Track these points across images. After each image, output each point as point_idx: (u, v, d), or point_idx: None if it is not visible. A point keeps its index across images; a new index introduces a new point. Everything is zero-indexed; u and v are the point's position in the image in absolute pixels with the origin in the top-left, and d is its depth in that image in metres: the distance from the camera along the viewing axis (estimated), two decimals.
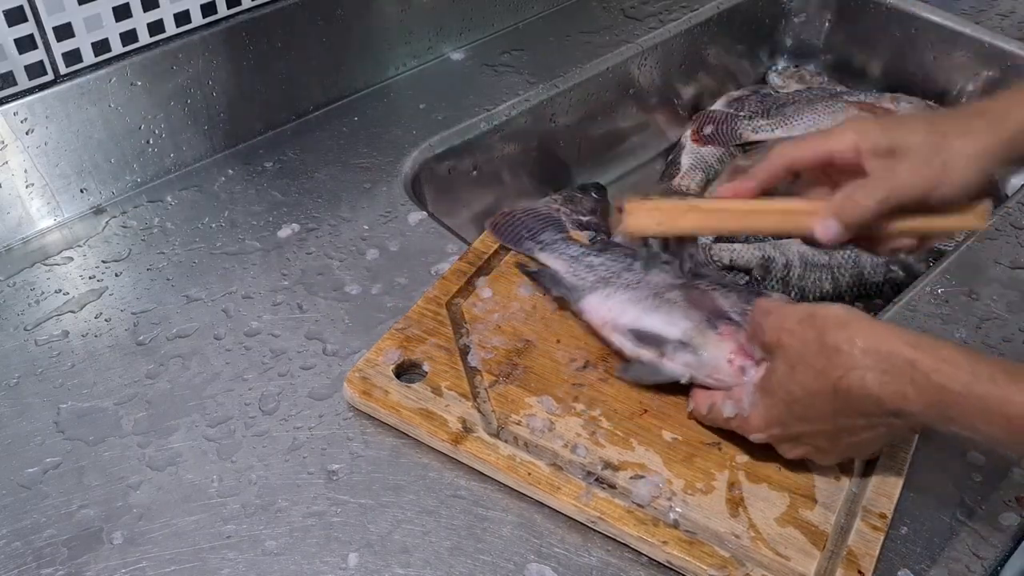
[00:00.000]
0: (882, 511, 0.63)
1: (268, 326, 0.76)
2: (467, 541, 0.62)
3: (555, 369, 0.71)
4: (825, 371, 0.58)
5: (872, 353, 0.56)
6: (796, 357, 0.60)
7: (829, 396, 0.58)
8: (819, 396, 0.59)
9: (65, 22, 0.78)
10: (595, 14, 1.16)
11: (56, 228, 0.84)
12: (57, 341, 0.74)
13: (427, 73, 1.05)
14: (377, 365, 0.70)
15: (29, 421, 0.68)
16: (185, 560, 0.60)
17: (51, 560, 0.60)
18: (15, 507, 0.63)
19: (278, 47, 0.91)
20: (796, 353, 0.60)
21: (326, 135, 0.96)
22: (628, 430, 0.67)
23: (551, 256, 0.78)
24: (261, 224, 0.85)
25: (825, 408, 0.59)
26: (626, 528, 0.61)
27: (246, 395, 0.70)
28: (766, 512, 0.63)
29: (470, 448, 0.65)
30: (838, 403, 0.58)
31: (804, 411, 0.60)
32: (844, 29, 1.26)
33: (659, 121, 1.18)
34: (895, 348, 0.56)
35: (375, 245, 0.83)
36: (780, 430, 0.63)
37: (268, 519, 0.63)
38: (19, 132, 0.79)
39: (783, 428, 0.62)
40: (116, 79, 0.82)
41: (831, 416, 0.60)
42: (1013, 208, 0.89)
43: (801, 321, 0.60)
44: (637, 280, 0.72)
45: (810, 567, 0.60)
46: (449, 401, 0.68)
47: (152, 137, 0.87)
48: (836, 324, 0.59)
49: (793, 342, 0.60)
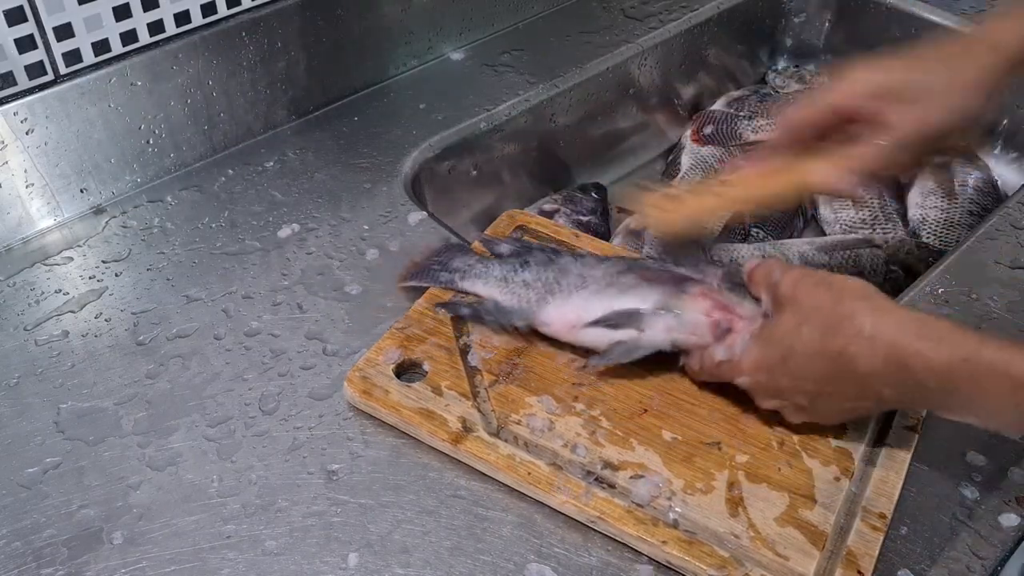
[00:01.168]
0: (882, 511, 0.63)
1: (268, 326, 0.76)
2: (467, 541, 0.62)
3: (555, 369, 0.71)
4: (833, 333, 0.59)
5: (881, 325, 0.58)
6: (807, 314, 0.61)
7: (827, 359, 0.60)
8: (817, 357, 0.60)
9: (65, 22, 0.78)
10: (595, 14, 1.16)
11: (56, 228, 0.84)
12: (57, 341, 0.74)
13: (427, 73, 1.05)
14: (377, 364, 0.70)
15: (29, 421, 0.68)
16: (185, 560, 0.60)
17: (51, 560, 0.60)
18: (15, 507, 0.63)
19: (278, 47, 0.92)
20: (808, 310, 0.61)
21: (326, 135, 0.96)
22: (628, 430, 0.67)
23: (478, 282, 0.74)
24: (261, 224, 0.85)
25: (819, 370, 0.61)
26: (625, 528, 0.61)
27: (246, 395, 0.70)
28: (765, 512, 0.63)
29: (470, 448, 0.65)
30: (836, 369, 0.60)
31: (797, 367, 0.62)
32: (844, 29, 1.26)
33: (659, 121, 1.18)
34: (903, 321, 0.58)
35: (375, 245, 0.83)
36: (766, 378, 0.64)
37: (268, 519, 0.63)
38: (19, 132, 0.79)
39: (769, 377, 0.63)
40: (116, 79, 0.82)
41: (821, 379, 0.61)
42: (1013, 208, 0.89)
43: (819, 283, 0.62)
44: (582, 278, 0.71)
45: (809, 567, 0.60)
46: (449, 401, 0.68)
47: (152, 137, 0.87)
48: (853, 295, 0.60)
49: (808, 300, 0.62)
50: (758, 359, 0.64)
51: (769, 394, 0.65)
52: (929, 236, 1.01)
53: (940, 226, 1.01)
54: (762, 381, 0.64)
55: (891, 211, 1.03)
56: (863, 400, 0.62)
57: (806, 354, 0.61)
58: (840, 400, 0.62)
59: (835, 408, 0.64)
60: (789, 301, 0.63)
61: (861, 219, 1.03)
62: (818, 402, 0.63)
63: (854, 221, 1.03)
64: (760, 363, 0.64)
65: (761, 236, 1.01)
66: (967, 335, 0.56)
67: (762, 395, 0.66)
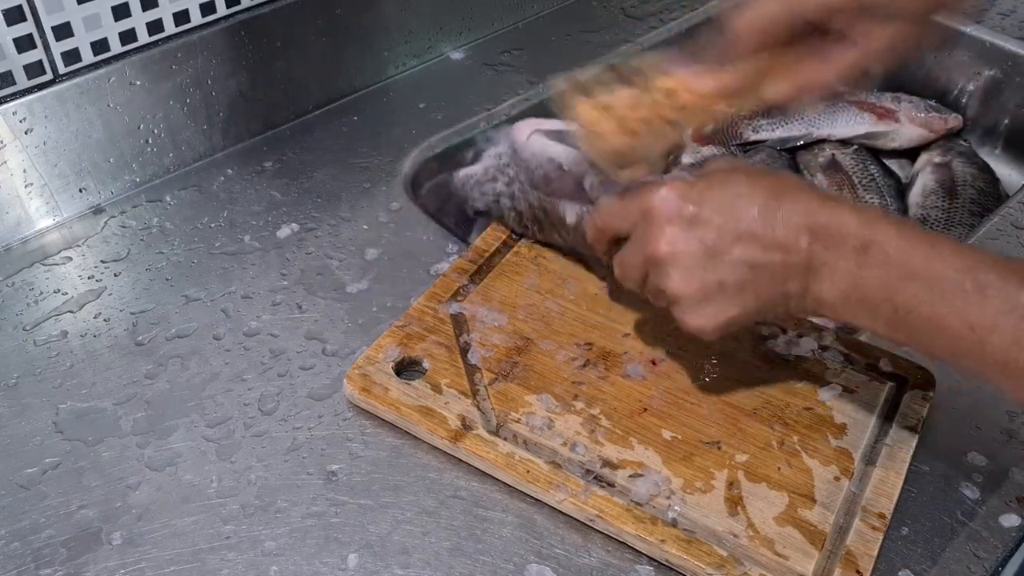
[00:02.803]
0: (881, 511, 0.62)
1: (267, 326, 0.75)
2: (467, 542, 0.62)
3: (555, 367, 0.71)
4: (762, 180, 0.57)
5: (811, 186, 0.55)
6: (735, 174, 0.58)
7: (755, 201, 0.56)
8: (745, 198, 0.56)
9: (64, 21, 0.78)
10: (595, 13, 1.15)
11: (55, 228, 0.84)
12: (56, 341, 0.74)
13: (427, 72, 1.05)
14: (377, 362, 0.70)
15: (28, 421, 0.68)
16: (184, 561, 0.60)
17: (50, 560, 0.60)
18: (14, 507, 0.63)
19: (277, 46, 0.91)
20: (737, 173, 0.58)
21: (326, 135, 0.96)
22: (627, 428, 0.67)
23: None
24: (260, 224, 0.85)
25: (742, 210, 0.56)
26: (624, 526, 0.61)
27: (245, 395, 0.70)
28: (765, 511, 0.62)
29: (469, 445, 0.65)
30: (759, 212, 0.56)
31: (721, 202, 0.57)
32: None
33: None
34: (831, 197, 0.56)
35: (375, 245, 0.83)
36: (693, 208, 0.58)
37: (267, 520, 0.63)
38: (18, 132, 0.78)
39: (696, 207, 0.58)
40: (115, 79, 0.82)
41: (744, 221, 0.56)
42: (1014, 208, 0.89)
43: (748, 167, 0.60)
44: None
45: (808, 567, 0.59)
46: (449, 398, 0.68)
47: (151, 137, 0.87)
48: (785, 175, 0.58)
49: (735, 169, 0.59)
50: (684, 186, 0.58)
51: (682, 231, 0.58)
52: None
53: (941, 226, 1.01)
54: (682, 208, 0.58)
55: (892, 211, 1.03)
56: (773, 252, 0.56)
57: (732, 195, 0.57)
58: (752, 246, 0.56)
59: (743, 261, 0.56)
60: (718, 171, 0.60)
61: None
62: (731, 250, 0.56)
63: None
64: (686, 191, 0.58)
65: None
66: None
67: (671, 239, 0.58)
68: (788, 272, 0.57)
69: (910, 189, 1.06)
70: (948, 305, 0.52)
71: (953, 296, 0.52)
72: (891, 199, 1.04)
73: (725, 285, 0.58)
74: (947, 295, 0.52)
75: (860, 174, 1.06)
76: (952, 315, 0.52)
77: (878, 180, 1.06)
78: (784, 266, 0.56)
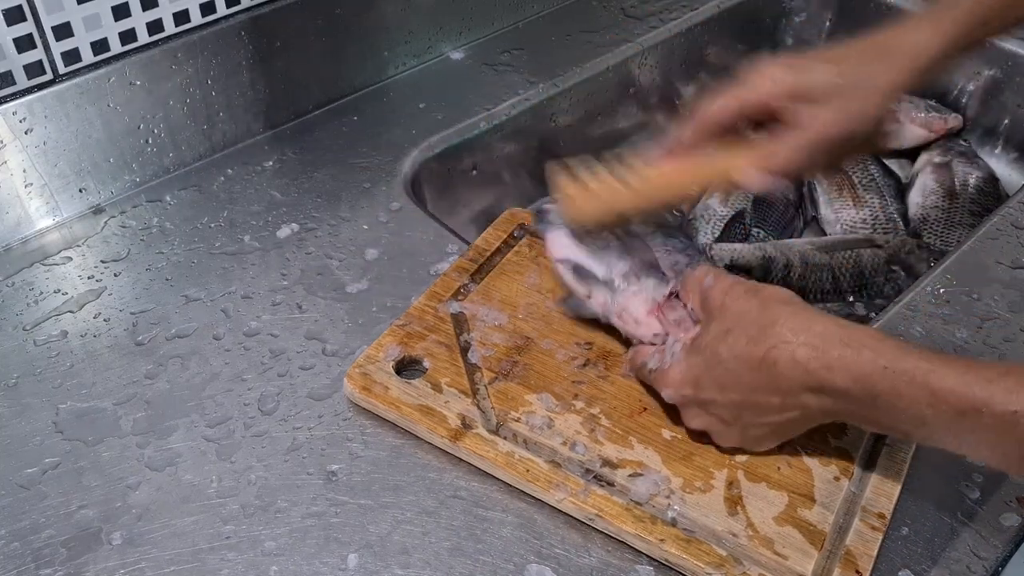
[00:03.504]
0: (881, 511, 0.62)
1: (267, 326, 0.75)
2: (467, 542, 0.62)
3: (555, 367, 0.71)
4: (757, 340, 0.59)
5: (804, 331, 0.57)
6: (733, 321, 0.61)
7: (753, 365, 0.59)
8: (743, 363, 0.59)
9: (64, 21, 0.78)
10: (595, 13, 1.15)
11: (55, 228, 0.84)
12: (56, 341, 0.74)
13: (427, 73, 1.05)
14: (377, 361, 0.70)
15: (28, 421, 0.68)
16: (184, 561, 0.60)
17: (50, 561, 0.60)
18: (14, 507, 0.63)
19: (277, 47, 0.91)
20: (734, 317, 0.61)
21: (326, 135, 0.96)
22: (627, 428, 0.67)
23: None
24: (260, 224, 0.85)
25: (744, 377, 0.60)
26: (624, 526, 0.61)
27: (245, 395, 0.70)
28: (764, 511, 0.62)
29: (469, 444, 0.65)
30: (759, 376, 0.59)
31: (723, 376, 0.61)
32: (844, 29, 1.26)
33: (659, 121, 1.18)
34: (827, 327, 0.57)
35: (374, 245, 0.83)
36: (692, 391, 0.63)
37: (267, 520, 0.63)
38: (18, 132, 0.78)
39: (695, 390, 0.63)
40: (115, 79, 0.82)
41: (747, 389, 0.60)
42: (1014, 208, 0.89)
43: (748, 291, 0.62)
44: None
45: (808, 566, 0.59)
46: (449, 397, 0.68)
47: (151, 137, 0.87)
48: (779, 300, 0.61)
49: (735, 307, 0.61)
50: (685, 371, 0.63)
51: (696, 407, 0.64)
52: (930, 236, 1.00)
53: (941, 226, 1.01)
54: (688, 395, 0.63)
55: (892, 211, 1.03)
56: (788, 411, 0.60)
57: (733, 360, 0.60)
58: (766, 412, 0.61)
59: (762, 423, 0.62)
60: (718, 309, 0.62)
61: (862, 219, 1.03)
62: (744, 416, 0.62)
63: (855, 221, 1.03)
64: (686, 376, 0.63)
65: (762, 236, 1.01)
66: (889, 343, 0.55)
67: (690, 411, 0.65)
68: (808, 421, 0.62)
69: (910, 189, 1.06)
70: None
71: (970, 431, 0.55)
72: (891, 199, 1.04)
73: (749, 437, 0.64)
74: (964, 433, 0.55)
75: (860, 174, 1.06)
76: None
77: (878, 180, 1.06)
78: (804, 419, 0.61)
